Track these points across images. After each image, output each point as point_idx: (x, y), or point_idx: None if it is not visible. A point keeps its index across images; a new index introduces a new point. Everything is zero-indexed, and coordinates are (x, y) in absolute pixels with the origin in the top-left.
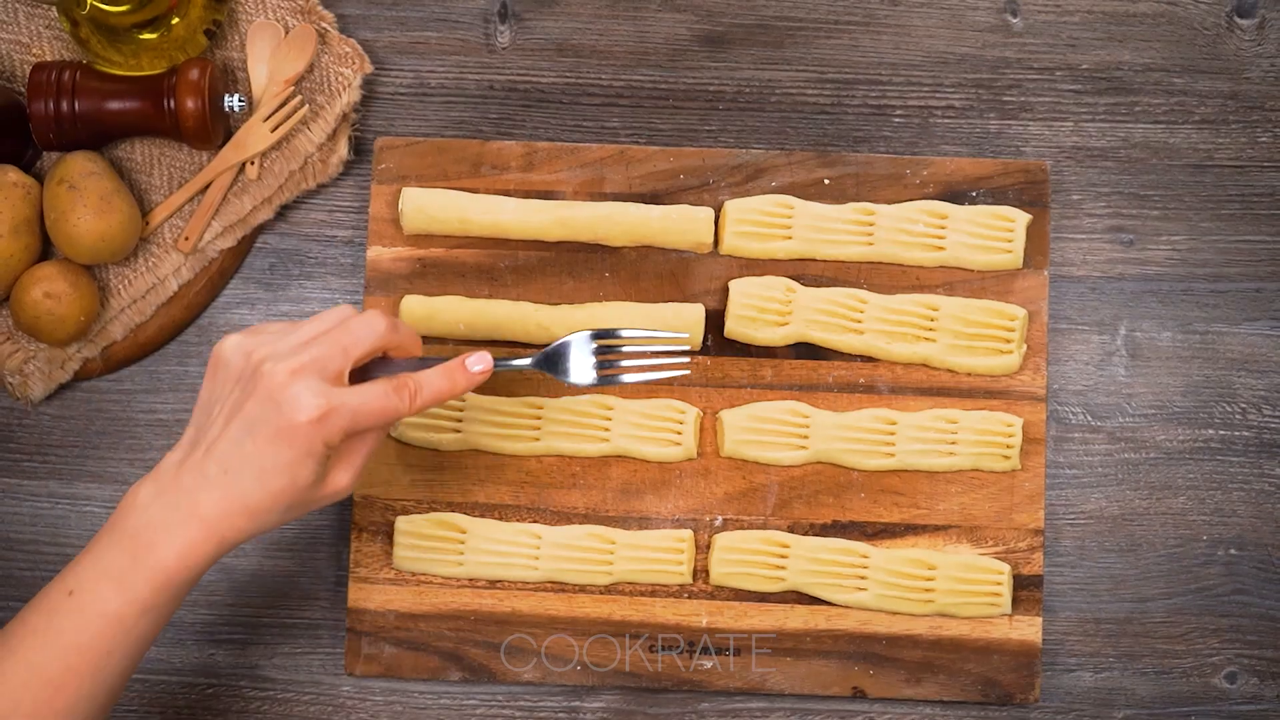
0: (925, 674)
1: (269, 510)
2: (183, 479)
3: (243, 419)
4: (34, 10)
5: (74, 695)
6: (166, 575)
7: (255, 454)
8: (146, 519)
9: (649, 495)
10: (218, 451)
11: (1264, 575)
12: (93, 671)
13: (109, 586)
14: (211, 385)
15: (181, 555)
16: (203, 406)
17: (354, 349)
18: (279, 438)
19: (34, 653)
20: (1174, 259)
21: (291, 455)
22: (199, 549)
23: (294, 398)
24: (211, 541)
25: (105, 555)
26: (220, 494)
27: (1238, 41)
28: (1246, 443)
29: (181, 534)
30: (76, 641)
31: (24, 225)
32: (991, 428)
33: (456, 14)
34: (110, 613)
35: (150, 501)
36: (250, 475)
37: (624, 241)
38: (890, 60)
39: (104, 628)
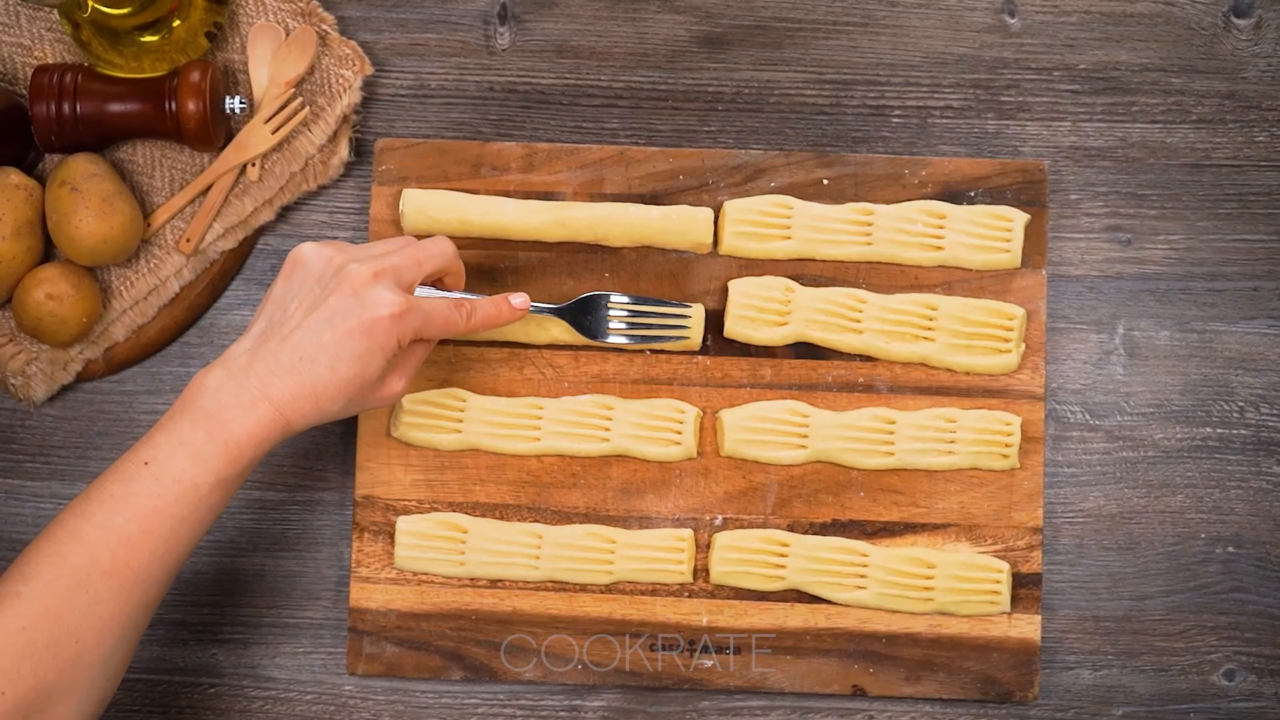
0: (925, 672)
1: (333, 399)
2: (255, 365)
3: (324, 311)
4: (36, 13)
5: (148, 556)
6: (239, 449)
7: (333, 343)
8: (218, 399)
9: (649, 495)
10: (295, 340)
11: (1262, 573)
12: (167, 535)
13: (184, 457)
14: (288, 283)
15: (252, 434)
16: (276, 302)
17: (426, 263)
18: (359, 330)
19: (113, 515)
20: (1171, 258)
21: (367, 347)
22: (267, 429)
23: (377, 294)
24: (279, 423)
25: (180, 430)
26: (294, 380)
27: (1234, 41)
28: (1244, 441)
29: (253, 414)
30: (154, 505)
31: (26, 227)
32: (990, 426)
33: (456, 16)
34: (186, 481)
35: (221, 384)
36: (325, 363)
37: (624, 242)
38: (888, 61)
39: (180, 494)
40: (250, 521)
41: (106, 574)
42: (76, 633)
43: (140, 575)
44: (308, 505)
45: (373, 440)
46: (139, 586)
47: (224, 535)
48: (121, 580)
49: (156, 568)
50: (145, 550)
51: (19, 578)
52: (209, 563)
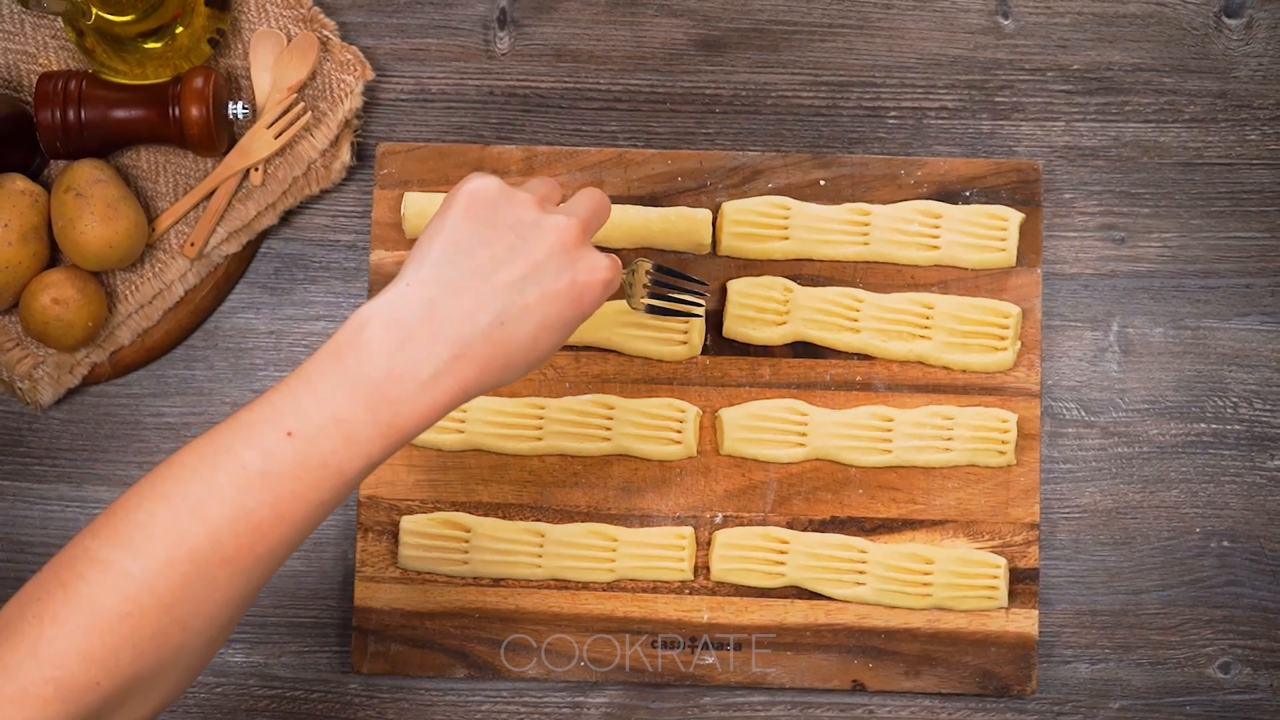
0: (924, 666)
1: (519, 369)
2: (443, 327)
3: (532, 269)
4: (40, 21)
5: (277, 542)
6: (403, 435)
7: (540, 306)
8: (390, 368)
9: (650, 493)
10: (497, 300)
11: (1256, 566)
12: (302, 519)
13: (338, 438)
14: (472, 224)
15: (424, 415)
16: (458, 245)
17: (603, 215)
18: (571, 295)
19: (244, 495)
20: (1165, 256)
21: (575, 314)
22: (442, 408)
23: (591, 257)
24: (458, 399)
25: (336, 400)
26: (488, 349)
27: (1226, 41)
28: (1238, 436)
29: (429, 393)
30: (293, 488)
31: (32, 233)
32: (987, 424)
33: (456, 21)
34: (334, 465)
35: (397, 348)
36: (528, 331)
37: (623, 243)
38: (884, 63)
39: (324, 478)
40: None
41: (228, 560)
42: (185, 621)
43: (265, 560)
44: None
45: None
46: (260, 571)
47: None
48: (244, 566)
49: (283, 550)
50: (275, 535)
51: (125, 546)
52: None
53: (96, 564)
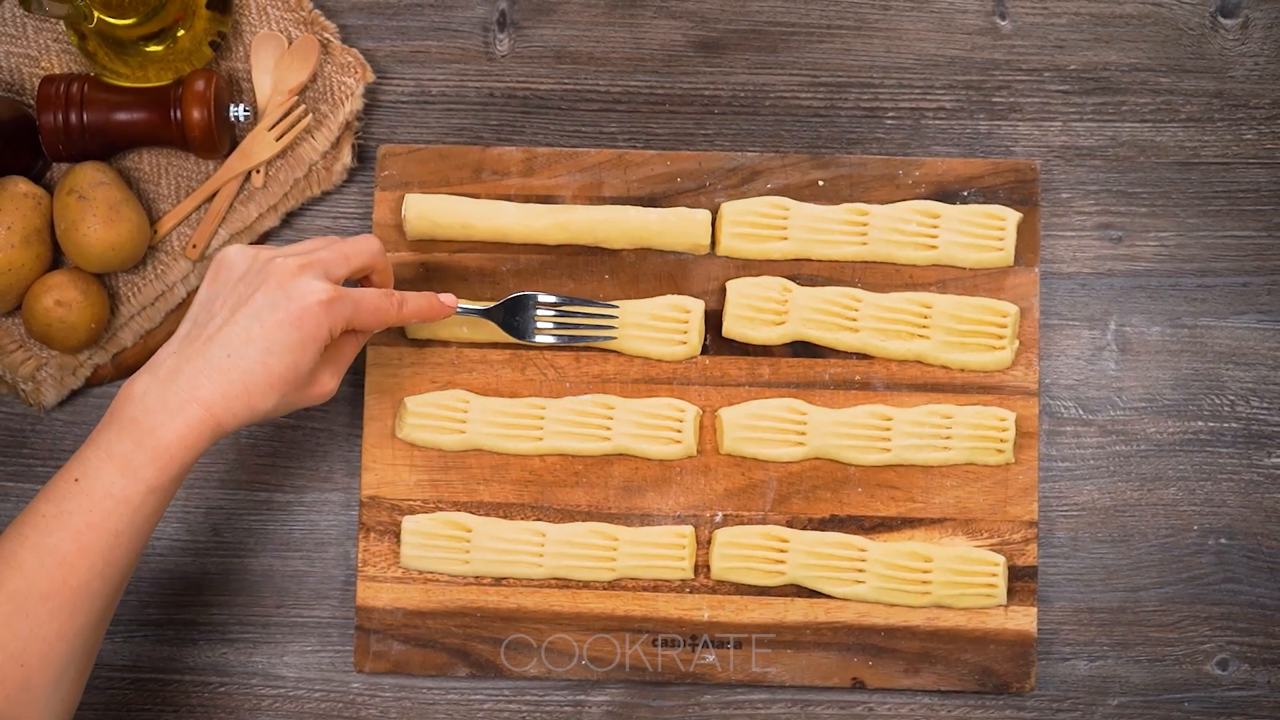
0: (923, 664)
1: (265, 395)
2: (182, 368)
3: (251, 307)
4: (42, 24)
5: (87, 573)
6: (169, 456)
7: (263, 336)
8: (145, 405)
9: (650, 492)
10: (223, 337)
11: (1254, 564)
12: (104, 550)
13: (114, 470)
14: (213, 285)
15: (182, 437)
16: (202, 304)
17: (354, 259)
18: (288, 321)
19: (46, 536)
20: (1162, 255)
21: (299, 337)
22: (197, 431)
23: (304, 284)
24: (209, 424)
25: (108, 442)
26: (223, 378)
27: (1222, 41)
28: (1235, 434)
29: (181, 418)
30: (87, 521)
31: (35, 235)
32: (985, 422)
33: (456, 23)
34: (117, 494)
35: (147, 391)
36: (255, 357)
37: (623, 244)
38: (882, 63)
39: (112, 508)
40: (258, 523)
41: (45, 596)
42: (21, 658)
43: (81, 593)
44: (314, 506)
45: (378, 441)
46: (82, 604)
47: (233, 537)
48: (62, 600)
49: (97, 584)
50: (83, 568)
51: None
52: (218, 563)
53: None
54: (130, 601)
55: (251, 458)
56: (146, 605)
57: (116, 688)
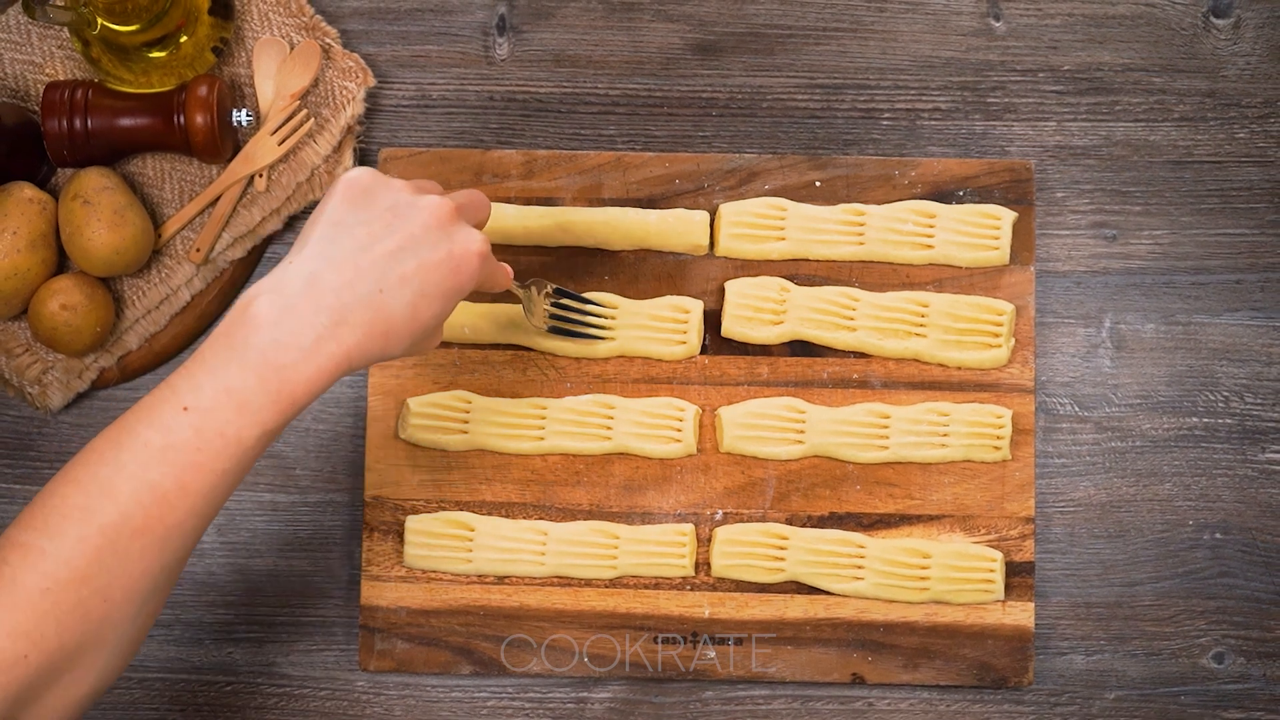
0: (922, 659)
1: (402, 340)
2: (323, 297)
3: (409, 242)
4: (46, 31)
5: (185, 512)
6: (293, 400)
7: (418, 275)
8: (274, 337)
9: (651, 491)
10: (375, 270)
11: (1248, 558)
12: (206, 490)
13: (231, 408)
14: (350, 207)
15: (311, 380)
16: (339, 224)
17: (483, 211)
18: (448, 265)
19: (147, 469)
20: (1156, 253)
21: (454, 285)
22: (329, 374)
23: (466, 231)
24: (343, 366)
25: (227, 373)
26: (368, 315)
27: (1214, 41)
28: (1229, 430)
29: (315, 359)
30: (194, 460)
31: (40, 240)
32: (982, 420)
33: (456, 28)
34: (231, 435)
35: (279, 319)
36: (406, 298)
37: (623, 245)
38: (878, 65)
39: (223, 448)
40: (263, 523)
41: (139, 532)
42: (105, 593)
43: (175, 530)
44: (319, 507)
45: (381, 442)
46: (173, 542)
47: (238, 537)
48: (155, 537)
49: (192, 522)
50: (182, 507)
51: (41, 528)
52: (224, 564)
53: (17, 548)
54: None
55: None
56: None
57: (123, 688)
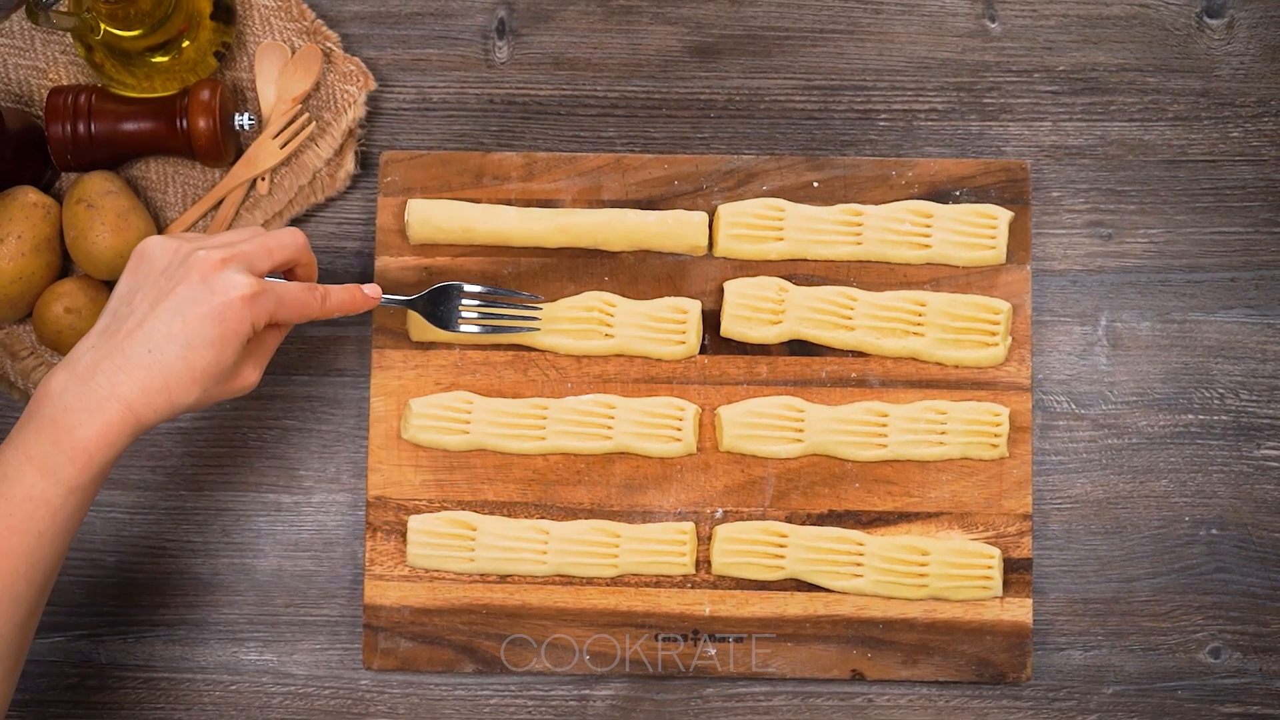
0: (921, 656)
1: (187, 390)
2: (101, 364)
3: (173, 300)
4: (50, 37)
5: (10, 575)
6: (88, 456)
7: (184, 331)
8: (64, 404)
9: (651, 490)
10: (143, 332)
11: (1244, 553)
12: (27, 551)
13: (33, 471)
14: (133, 278)
15: (101, 436)
16: (121, 298)
17: (277, 252)
18: (210, 315)
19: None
20: (1151, 251)
21: (221, 332)
22: (117, 430)
23: (227, 278)
24: (129, 422)
25: (26, 442)
26: (143, 374)
27: (1208, 41)
28: (1225, 426)
29: (100, 416)
30: (8, 525)
31: (44, 243)
32: (979, 417)
33: (456, 31)
34: (36, 496)
35: (65, 388)
36: (176, 352)
37: (622, 246)
38: (874, 66)
39: (32, 510)
40: (267, 524)
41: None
42: None
43: (4, 596)
44: (322, 507)
45: (384, 443)
46: (5, 608)
47: (242, 538)
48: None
49: (21, 586)
50: (6, 570)
51: None
52: (229, 564)
53: None
54: (142, 603)
55: (259, 460)
56: (159, 606)
57: (129, 687)
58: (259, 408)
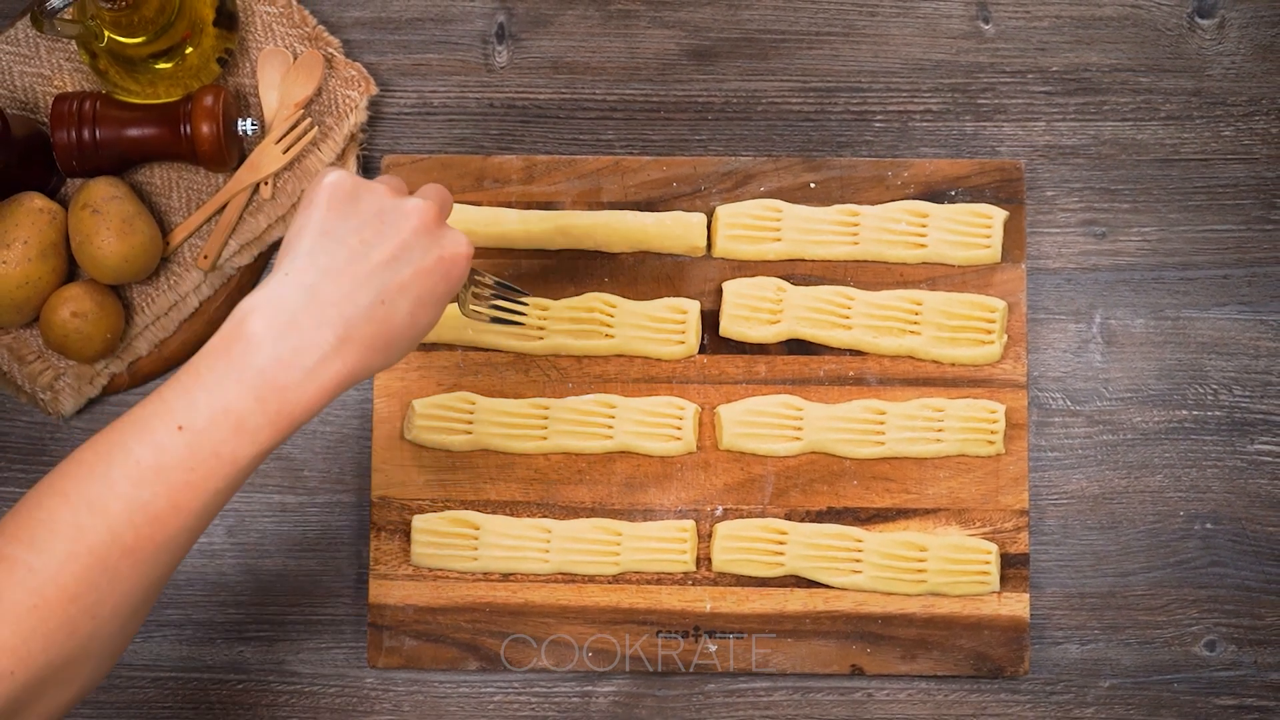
0: (920, 650)
1: (401, 348)
2: (324, 311)
3: (403, 248)
4: (54, 44)
5: (176, 529)
6: (293, 421)
7: (415, 283)
8: (276, 355)
9: (652, 488)
10: (374, 280)
11: (1238, 547)
12: (199, 509)
13: (228, 428)
14: (337, 215)
15: (313, 400)
16: (328, 234)
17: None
18: (440, 271)
19: (139, 488)
20: (1144, 249)
21: (447, 289)
22: (330, 393)
23: (451, 234)
24: (345, 383)
25: (224, 392)
26: (372, 328)
27: (1199, 41)
28: (1219, 422)
29: (317, 378)
30: (187, 480)
31: (51, 249)
32: (976, 415)
33: (456, 36)
34: (226, 455)
35: (280, 335)
36: (406, 307)
37: (622, 247)
38: (870, 68)
39: (218, 468)
40: (272, 524)
41: (129, 550)
42: (94, 610)
43: (165, 548)
44: (327, 507)
45: (387, 443)
46: (163, 557)
47: (248, 539)
48: (145, 555)
49: (184, 538)
50: (174, 525)
51: (28, 542)
52: (234, 564)
53: (3, 561)
54: None
55: (265, 462)
56: (165, 606)
57: (137, 686)
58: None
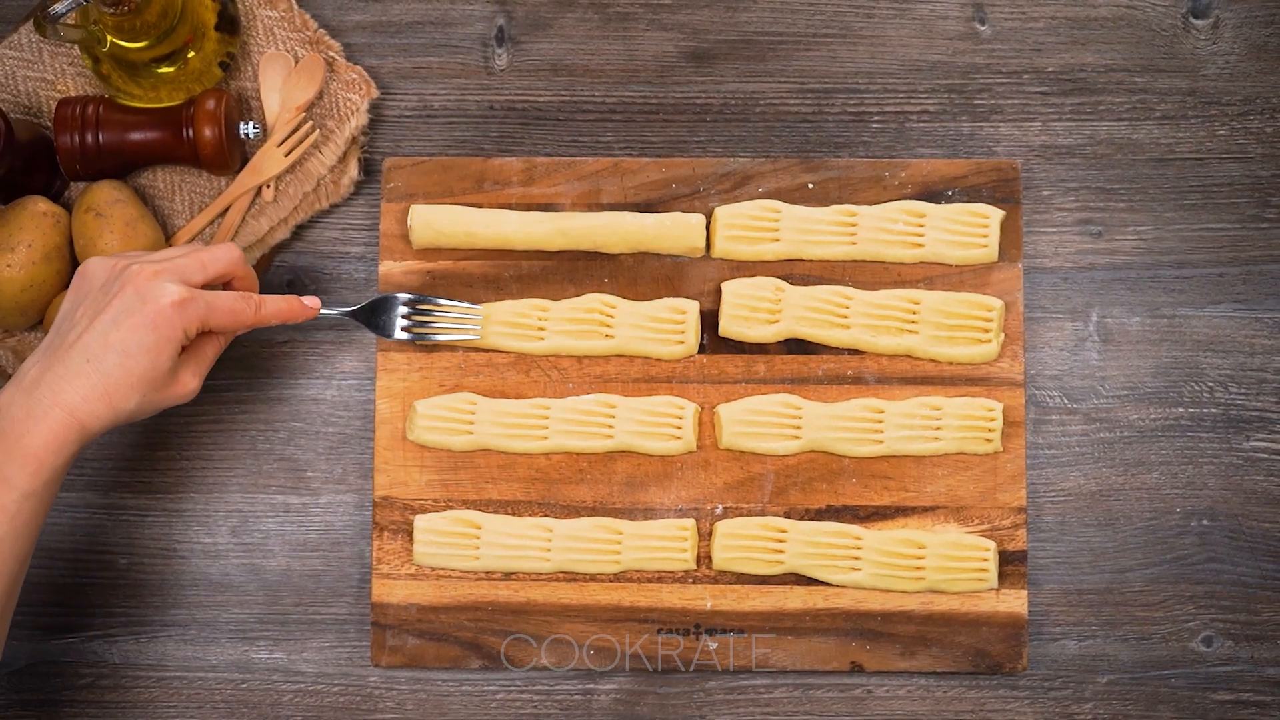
0: (919, 647)
1: (126, 396)
2: (44, 376)
3: (109, 313)
4: (57, 49)
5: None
6: (38, 462)
7: (119, 340)
8: (12, 416)
9: (653, 487)
10: (82, 344)
11: (1235, 543)
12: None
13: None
14: (75, 296)
15: (48, 442)
16: (64, 315)
17: (211, 266)
18: (143, 323)
19: None
20: (1140, 248)
21: (154, 338)
22: (62, 436)
23: (158, 286)
24: (74, 428)
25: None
26: (82, 382)
27: (1194, 41)
28: (1215, 419)
29: (45, 424)
30: None
31: (54, 252)
32: (974, 413)
33: (456, 39)
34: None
35: (12, 401)
36: (113, 360)
37: (621, 249)
38: (867, 69)
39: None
40: (276, 525)
41: None
42: None
43: None
44: (329, 508)
45: (389, 444)
46: None
47: (252, 539)
48: None
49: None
50: None
51: None
52: (238, 565)
53: None
54: (154, 603)
55: (267, 462)
56: (171, 606)
57: (142, 686)
58: (267, 411)
